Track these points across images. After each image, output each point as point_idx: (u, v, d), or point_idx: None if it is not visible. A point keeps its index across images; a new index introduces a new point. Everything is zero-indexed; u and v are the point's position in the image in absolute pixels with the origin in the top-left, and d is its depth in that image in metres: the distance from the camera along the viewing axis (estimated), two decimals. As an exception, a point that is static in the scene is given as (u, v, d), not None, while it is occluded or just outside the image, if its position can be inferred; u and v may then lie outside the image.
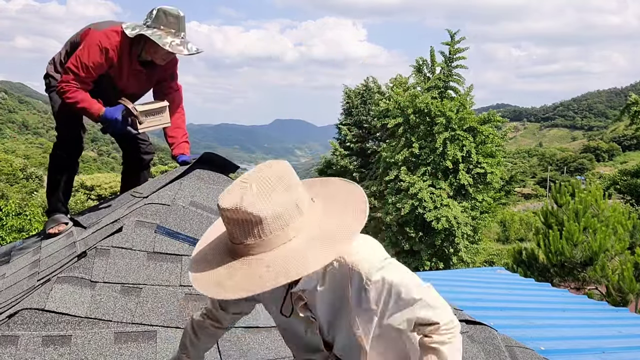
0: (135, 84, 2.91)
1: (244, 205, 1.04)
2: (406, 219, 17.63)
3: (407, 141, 18.14)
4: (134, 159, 3.27)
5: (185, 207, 2.30)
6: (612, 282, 9.11)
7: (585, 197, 10.16)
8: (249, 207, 1.04)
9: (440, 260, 18.25)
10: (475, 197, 18.04)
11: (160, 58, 2.79)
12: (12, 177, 37.74)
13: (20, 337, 1.64)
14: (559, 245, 9.56)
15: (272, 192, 1.06)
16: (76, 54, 2.69)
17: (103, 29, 2.74)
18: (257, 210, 1.04)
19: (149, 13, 2.75)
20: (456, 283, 5.49)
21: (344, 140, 24.27)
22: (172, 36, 2.68)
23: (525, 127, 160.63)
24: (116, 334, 1.75)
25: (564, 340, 3.56)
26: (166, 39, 2.65)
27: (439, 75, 18.90)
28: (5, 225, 11.11)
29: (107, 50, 2.68)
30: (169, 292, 1.94)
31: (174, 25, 2.71)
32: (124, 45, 2.73)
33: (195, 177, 2.54)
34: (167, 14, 2.70)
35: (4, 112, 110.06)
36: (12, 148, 62.35)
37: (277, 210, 1.06)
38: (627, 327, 4.27)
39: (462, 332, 2.22)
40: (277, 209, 1.06)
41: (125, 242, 2.08)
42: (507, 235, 33.27)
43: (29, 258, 2.54)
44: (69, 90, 2.67)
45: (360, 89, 25.34)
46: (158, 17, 2.69)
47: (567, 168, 70.70)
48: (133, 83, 2.89)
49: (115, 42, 2.70)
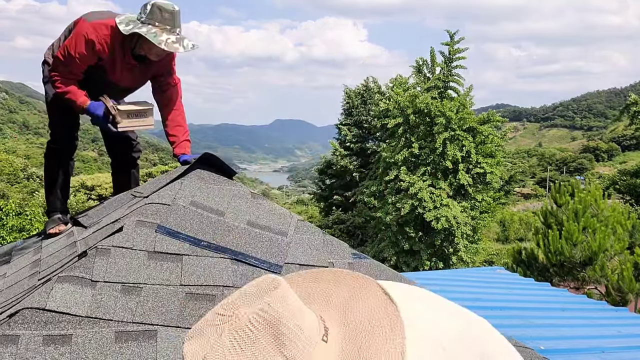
0: (128, 78, 2.86)
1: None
2: (406, 218, 17.64)
3: (407, 141, 18.16)
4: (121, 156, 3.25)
5: (185, 207, 2.31)
6: (612, 282, 9.12)
7: (584, 197, 10.17)
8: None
9: (440, 260, 18.26)
10: (475, 197, 18.06)
11: (154, 55, 2.73)
12: (12, 177, 37.75)
13: (20, 336, 1.65)
14: (559, 245, 9.57)
15: (252, 345, 0.68)
16: (65, 44, 2.66)
17: (93, 21, 2.67)
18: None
19: (143, 7, 2.66)
20: (456, 283, 5.50)
21: (344, 140, 24.31)
22: (167, 33, 2.61)
23: (524, 127, 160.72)
24: (117, 333, 1.76)
25: (564, 340, 3.56)
26: (161, 36, 2.58)
27: (438, 76, 18.93)
28: (5, 225, 11.12)
29: (94, 43, 2.62)
30: (169, 291, 1.95)
31: (170, 21, 2.63)
32: (115, 39, 2.65)
33: (196, 177, 2.55)
34: (162, 9, 2.62)
35: (5, 112, 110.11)
36: (12, 148, 62.36)
37: None
38: (626, 327, 4.27)
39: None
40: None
41: (125, 241, 2.09)
42: (507, 235, 33.30)
43: (30, 257, 2.54)
44: (58, 79, 2.66)
45: (361, 89, 25.37)
46: (153, 13, 2.61)
47: (567, 168, 70.73)
48: (126, 77, 2.84)
49: (104, 36, 2.63)
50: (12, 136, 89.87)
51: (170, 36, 2.61)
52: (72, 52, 2.61)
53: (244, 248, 2.21)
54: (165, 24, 2.62)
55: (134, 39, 2.68)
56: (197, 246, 2.15)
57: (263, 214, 2.45)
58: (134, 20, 2.65)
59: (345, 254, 2.40)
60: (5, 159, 39.97)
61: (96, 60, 2.68)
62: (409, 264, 17.97)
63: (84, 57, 2.63)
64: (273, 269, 2.17)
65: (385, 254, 17.92)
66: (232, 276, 2.08)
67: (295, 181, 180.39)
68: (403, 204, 17.29)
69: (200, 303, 1.95)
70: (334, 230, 22.28)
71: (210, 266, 2.09)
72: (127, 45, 2.70)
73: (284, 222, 2.44)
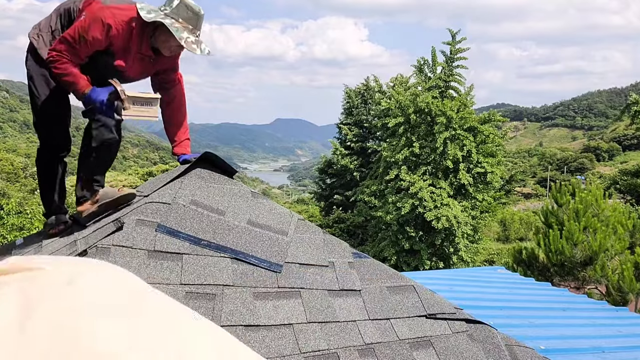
0: (137, 68, 2.73)
1: None
2: (406, 218, 17.64)
3: (407, 140, 18.15)
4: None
5: (186, 206, 2.31)
6: (612, 282, 9.11)
7: (585, 196, 10.16)
8: None
9: (441, 259, 18.26)
10: (476, 196, 18.05)
11: (168, 49, 2.66)
12: (13, 175, 37.76)
13: (21, 335, 1.65)
14: (559, 245, 9.56)
15: None
16: (76, 25, 2.47)
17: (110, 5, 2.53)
18: None
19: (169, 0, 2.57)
20: (456, 282, 5.49)
21: (344, 139, 24.32)
22: (188, 32, 2.55)
23: (525, 127, 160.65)
24: (117, 332, 1.76)
25: (564, 340, 3.56)
26: (183, 33, 2.52)
27: (439, 75, 18.93)
28: (6, 223, 11.11)
29: (110, 28, 2.48)
30: (169, 290, 1.95)
31: (193, 21, 2.58)
32: (133, 26, 2.53)
33: (196, 176, 2.54)
34: (188, 7, 2.56)
35: (6, 111, 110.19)
36: (13, 147, 62.36)
37: None
38: (627, 327, 4.27)
39: (463, 331, 2.23)
40: None
41: (125, 240, 2.09)
42: (507, 234, 33.26)
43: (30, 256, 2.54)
44: (59, 60, 2.45)
45: (361, 89, 25.37)
46: (179, 9, 2.54)
47: (567, 168, 70.66)
48: (136, 67, 2.71)
49: (121, 22, 2.50)
50: (13, 135, 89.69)
51: (190, 36, 2.56)
52: (84, 34, 2.44)
53: (244, 247, 2.21)
54: (188, 22, 2.57)
55: (151, 29, 2.59)
56: (197, 245, 2.15)
57: (263, 213, 2.44)
58: (156, 10, 2.57)
59: (346, 253, 2.40)
60: (6, 157, 40.00)
61: (107, 45, 2.53)
62: (410, 263, 17.97)
63: (97, 41, 2.48)
64: (273, 268, 2.17)
65: (386, 254, 17.92)
66: (232, 275, 2.08)
67: (296, 180, 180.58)
68: (403, 204, 17.28)
69: (200, 302, 1.95)
70: (334, 229, 22.29)
71: (211, 265, 2.09)
72: (146, 34, 2.60)
73: (285, 221, 2.44)
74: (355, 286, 2.25)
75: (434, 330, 2.18)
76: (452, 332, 2.20)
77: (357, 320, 2.10)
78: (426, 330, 2.17)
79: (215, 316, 1.91)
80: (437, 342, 2.13)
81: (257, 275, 2.12)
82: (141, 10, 2.52)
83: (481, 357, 2.12)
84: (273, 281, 2.12)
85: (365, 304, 2.18)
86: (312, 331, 1.99)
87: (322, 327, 2.02)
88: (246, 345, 1.87)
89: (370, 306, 2.18)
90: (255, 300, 2.02)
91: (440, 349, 2.10)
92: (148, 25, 2.56)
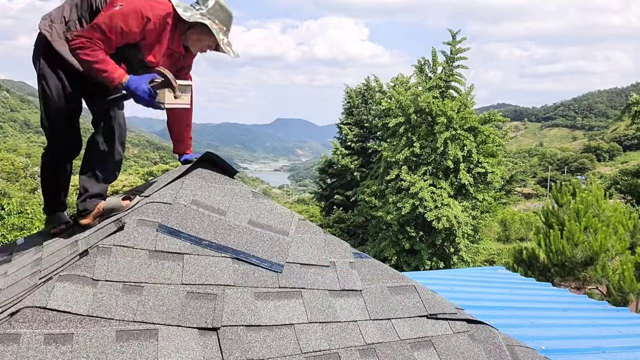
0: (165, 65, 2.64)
1: None
2: (407, 218, 17.64)
3: (408, 140, 18.15)
4: None
5: (187, 206, 2.30)
6: (613, 282, 9.11)
7: (586, 196, 10.16)
8: None
9: (441, 259, 18.26)
10: (476, 196, 18.05)
11: (199, 48, 2.63)
12: (13, 175, 37.76)
13: (22, 335, 1.65)
14: (560, 245, 9.56)
15: None
16: (111, 13, 2.36)
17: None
18: None
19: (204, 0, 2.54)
20: (457, 282, 5.49)
21: (345, 139, 24.32)
22: (223, 34, 2.55)
23: (526, 127, 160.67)
24: (118, 332, 1.76)
25: (565, 340, 3.56)
26: (219, 35, 2.51)
27: (440, 75, 18.93)
28: (6, 223, 11.12)
29: (149, 21, 2.41)
30: (170, 290, 1.95)
31: (226, 22, 2.57)
32: (168, 22, 2.48)
33: (197, 176, 2.54)
34: (223, 9, 2.54)
35: (6, 111, 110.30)
36: (13, 147, 62.38)
37: None
38: (627, 327, 4.27)
39: (464, 331, 2.23)
40: None
41: (126, 240, 2.09)
42: (508, 234, 33.25)
43: (31, 256, 2.54)
44: (90, 47, 2.32)
45: (362, 89, 25.37)
46: (215, 10, 2.52)
47: (568, 168, 70.65)
48: (164, 63, 2.63)
49: (159, 16, 2.44)
50: (13, 135, 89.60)
51: (224, 37, 2.56)
52: (121, 24, 2.35)
53: (245, 247, 2.21)
54: (223, 24, 2.56)
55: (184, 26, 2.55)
56: (199, 245, 2.15)
57: (264, 213, 2.44)
58: (191, 8, 2.53)
59: (346, 253, 2.40)
60: (6, 157, 40.01)
61: (140, 38, 2.46)
62: (410, 263, 17.97)
63: (132, 33, 2.40)
64: (274, 268, 2.17)
65: (386, 254, 17.92)
66: (234, 275, 2.08)
67: (296, 180, 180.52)
68: (404, 204, 17.28)
69: (201, 302, 1.95)
70: (334, 229, 22.29)
71: (212, 265, 2.09)
72: (178, 31, 2.56)
73: (285, 221, 2.44)
74: (356, 286, 2.25)
75: (435, 331, 2.18)
76: (453, 332, 2.20)
77: (358, 320, 2.10)
78: (427, 330, 2.17)
79: (217, 316, 1.91)
80: (438, 342, 2.13)
81: (258, 275, 2.13)
82: (178, 7, 2.48)
83: (482, 357, 2.12)
84: (274, 281, 2.12)
85: (366, 304, 2.18)
86: (313, 331, 1.99)
87: (323, 327, 2.02)
88: (247, 344, 1.87)
89: (371, 306, 2.18)
90: (256, 300, 2.02)
91: (441, 349, 2.10)
92: (182, 22, 2.52)
